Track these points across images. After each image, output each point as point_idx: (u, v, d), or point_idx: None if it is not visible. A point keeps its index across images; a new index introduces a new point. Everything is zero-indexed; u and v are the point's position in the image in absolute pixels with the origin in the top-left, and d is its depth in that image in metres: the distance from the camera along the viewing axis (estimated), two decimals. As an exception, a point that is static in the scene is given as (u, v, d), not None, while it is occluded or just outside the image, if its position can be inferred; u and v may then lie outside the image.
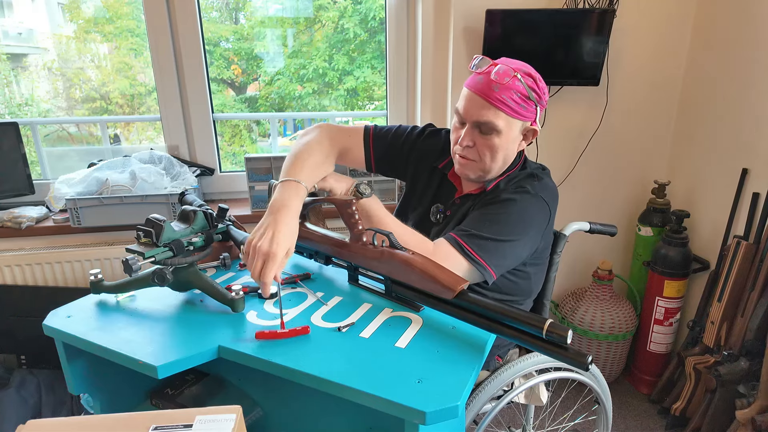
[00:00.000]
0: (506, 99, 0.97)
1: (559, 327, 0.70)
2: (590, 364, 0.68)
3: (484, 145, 1.02)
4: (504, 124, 1.00)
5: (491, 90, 0.97)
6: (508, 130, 1.01)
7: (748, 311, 1.66)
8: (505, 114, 0.99)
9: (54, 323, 0.86)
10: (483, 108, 0.99)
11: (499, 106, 0.98)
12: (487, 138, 1.01)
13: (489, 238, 0.99)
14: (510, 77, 0.96)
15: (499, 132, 1.00)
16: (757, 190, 1.73)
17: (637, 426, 1.97)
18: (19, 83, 2.27)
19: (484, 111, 0.99)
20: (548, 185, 1.10)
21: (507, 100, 0.98)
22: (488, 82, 0.98)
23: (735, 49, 1.81)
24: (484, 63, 1.01)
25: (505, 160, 1.07)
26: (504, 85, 0.97)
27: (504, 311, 0.76)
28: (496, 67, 0.98)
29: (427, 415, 0.63)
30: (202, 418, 0.55)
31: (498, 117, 0.99)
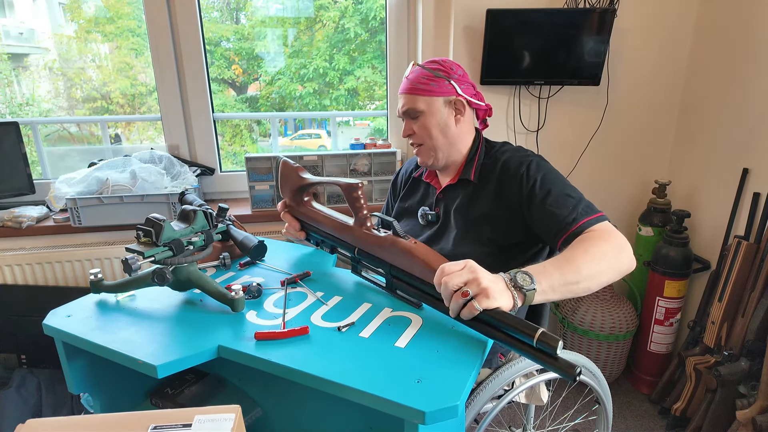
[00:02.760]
0: (417, 85, 1.14)
1: (549, 337, 0.69)
2: (579, 376, 0.67)
3: (419, 128, 1.17)
4: (424, 104, 1.14)
5: (407, 84, 1.16)
6: (430, 108, 1.15)
7: (749, 311, 1.66)
8: (420, 96, 1.14)
9: (54, 323, 0.86)
10: (404, 99, 1.17)
11: (412, 92, 1.14)
12: (417, 121, 1.16)
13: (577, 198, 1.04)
14: (415, 69, 1.15)
15: (422, 112, 1.15)
16: (757, 190, 1.72)
17: (638, 426, 1.97)
18: (20, 83, 2.27)
19: (405, 101, 1.16)
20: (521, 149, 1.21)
21: (417, 85, 1.14)
22: (405, 81, 1.17)
23: (736, 49, 1.80)
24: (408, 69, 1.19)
25: (449, 136, 1.18)
26: (413, 77, 1.15)
27: (499, 317, 0.75)
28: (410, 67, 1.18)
29: (426, 415, 0.63)
30: (202, 418, 0.55)
31: (416, 101, 1.14)
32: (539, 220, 1.04)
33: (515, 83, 1.95)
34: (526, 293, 0.79)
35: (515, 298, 0.78)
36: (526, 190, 1.07)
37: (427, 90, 1.13)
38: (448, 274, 0.77)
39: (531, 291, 0.79)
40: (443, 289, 0.77)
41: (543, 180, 1.07)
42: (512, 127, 2.04)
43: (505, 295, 0.76)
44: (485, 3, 1.80)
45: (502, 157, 1.16)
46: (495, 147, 1.22)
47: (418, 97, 1.14)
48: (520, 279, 0.79)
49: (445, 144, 1.18)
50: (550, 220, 1.02)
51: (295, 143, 2.84)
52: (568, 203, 1.02)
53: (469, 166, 1.19)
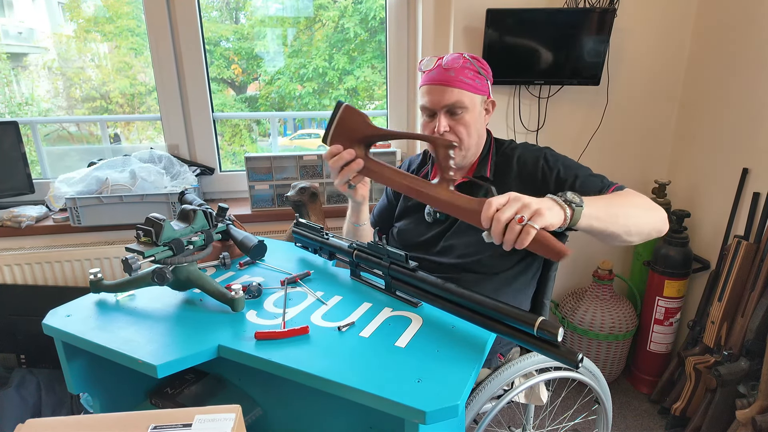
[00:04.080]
0: (463, 78, 1.08)
1: (550, 324, 0.70)
2: (581, 362, 0.68)
3: (459, 124, 1.11)
4: (468, 100, 1.10)
5: (448, 76, 1.09)
6: (473, 106, 1.11)
7: (749, 311, 1.66)
8: (467, 91, 1.09)
9: (53, 322, 0.86)
10: (446, 93, 1.09)
11: (460, 85, 1.08)
12: (459, 117, 1.11)
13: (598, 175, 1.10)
14: (459, 61, 1.09)
15: (466, 108, 1.10)
16: (757, 190, 1.73)
17: (637, 426, 1.97)
18: (19, 82, 2.27)
19: (448, 95, 1.09)
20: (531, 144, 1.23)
21: (464, 79, 1.09)
22: (443, 71, 1.10)
23: (736, 49, 1.81)
24: (432, 60, 1.13)
25: (479, 135, 1.16)
26: (458, 68, 1.08)
27: (497, 308, 0.76)
28: (444, 60, 1.10)
29: (426, 415, 0.63)
30: (202, 418, 0.55)
31: (462, 95, 1.09)
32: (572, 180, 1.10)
33: (515, 83, 1.95)
34: (575, 209, 0.82)
35: (566, 212, 0.81)
36: (552, 179, 1.10)
37: (473, 86, 1.10)
38: (498, 209, 0.77)
39: (579, 208, 0.83)
40: (495, 224, 0.76)
41: (565, 167, 1.11)
42: (512, 127, 2.04)
43: (555, 210, 0.79)
44: (485, 3, 1.80)
45: (514, 153, 1.18)
46: (504, 144, 1.23)
47: (464, 92, 1.09)
48: (570, 195, 0.83)
49: (474, 144, 1.16)
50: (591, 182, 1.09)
51: (295, 143, 2.84)
52: (595, 181, 1.08)
53: (484, 163, 1.19)
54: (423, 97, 1.14)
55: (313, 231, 1.13)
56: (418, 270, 0.90)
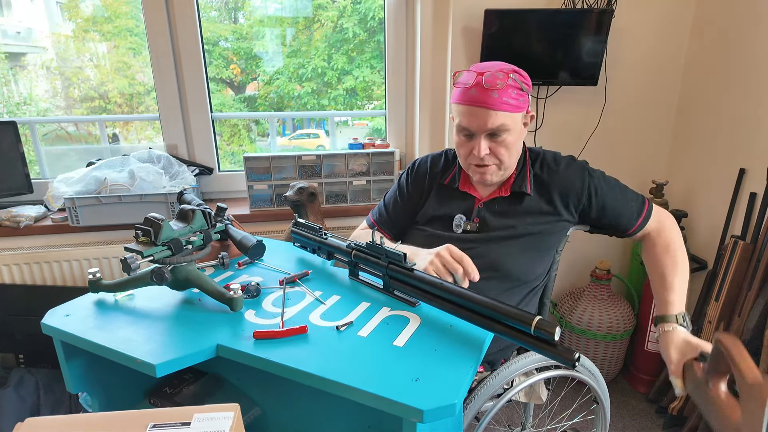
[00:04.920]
0: (508, 100, 1.03)
1: (547, 324, 0.70)
2: (578, 361, 0.69)
3: (500, 146, 1.08)
4: (511, 122, 1.06)
5: (491, 97, 1.02)
6: (515, 125, 1.07)
7: (746, 311, 1.67)
8: (509, 113, 1.04)
9: (52, 322, 0.86)
10: (490, 117, 1.04)
11: (504, 108, 1.03)
12: (501, 140, 1.07)
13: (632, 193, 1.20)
14: (503, 80, 1.02)
15: (509, 130, 1.06)
16: (754, 190, 1.73)
17: (635, 425, 1.98)
18: (18, 82, 2.26)
19: (492, 119, 1.04)
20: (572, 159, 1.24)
21: (508, 100, 1.03)
22: (485, 92, 1.02)
23: (733, 49, 1.81)
24: (471, 76, 1.05)
25: (518, 152, 1.15)
26: (501, 89, 1.02)
27: (495, 307, 0.76)
28: (483, 77, 1.02)
29: (424, 413, 0.63)
30: (200, 416, 0.55)
31: (506, 117, 1.04)
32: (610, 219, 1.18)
33: (513, 83, 1.95)
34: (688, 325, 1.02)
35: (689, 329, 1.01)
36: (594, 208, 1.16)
37: (516, 106, 1.05)
38: None
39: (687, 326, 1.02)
40: None
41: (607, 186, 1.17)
42: (510, 127, 2.04)
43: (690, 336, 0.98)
44: (483, 3, 1.80)
45: (555, 167, 1.18)
46: (538, 155, 1.21)
47: (508, 114, 1.04)
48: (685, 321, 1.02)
49: (514, 161, 1.14)
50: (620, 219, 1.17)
51: (294, 143, 2.84)
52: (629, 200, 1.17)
53: (522, 177, 1.17)
54: (461, 117, 1.08)
55: (311, 231, 1.13)
56: (416, 269, 0.91)
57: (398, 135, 2.24)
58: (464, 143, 1.11)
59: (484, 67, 1.05)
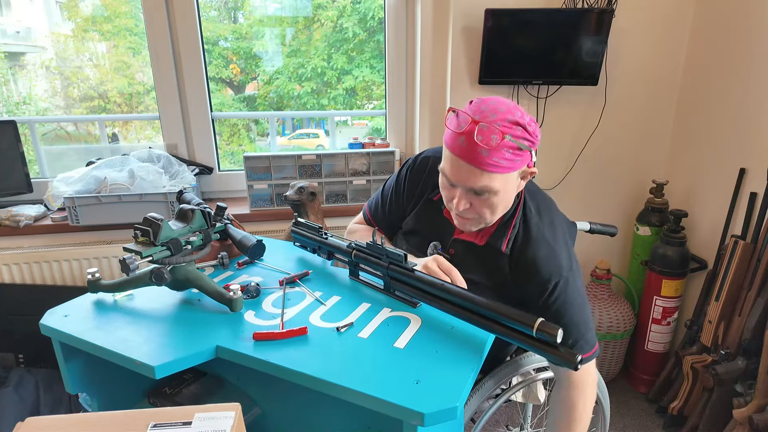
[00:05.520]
0: (499, 161, 0.86)
1: (549, 326, 0.70)
2: (580, 364, 0.69)
3: (483, 205, 0.94)
4: (500, 183, 0.90)
5: (479, 155, 0.86)
6: (505, 186, 0.92)
7: (746, 310, 1.67)
8: (500, 174, 0.89)
9: (51, 322, 0.86)
10: (474, 175, 0.89)
11: (493, 170, 0.87)
12: (485, 198, 0.92)
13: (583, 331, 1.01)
14: (498, 139, 0.85)
15: (496, 192, 0.91)
16: (754, 190, 1.73)
17: (635, 425, 1.98)
18: (17, 82, 2.26)
19: (477, 178, 0.89)
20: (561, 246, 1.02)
21: (500, 162, 0.87)
22: (474, 146, 0.86)
23: (733, 49, 1.81)
24: (464, 121, 0.88)
25: (506, 207, 0.99)
26: (493, 149, 0.85)
27: (497, 309, 0.76)
28: (477, 127, 0.85)
29: (425, 417, 0.63)
30: (201, 416, 0.55)
31: (493, 179, 0.89)
32: None
33: (513, 83, 1.95)
34: None
35: None
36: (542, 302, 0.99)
37: (509, 167, 0.88)
38: None
39: None
40: None
41: (564, 304, 0.99)
42: (510, 127, 2.04)
43: None
44: (484, 3, 1.80)
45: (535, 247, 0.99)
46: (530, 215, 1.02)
47: (497, 175, 0.88)
48: None
49: (497, 218, 0.99)
50: None
51: (293, 143, 2.84)
52: (573, 334, 0.99)
53: (502, 232, 1.01)
54: (445, 162, 0.94)
55: (311, 230, 1.13)
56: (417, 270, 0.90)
57: (398, 134, 2.23)
58: (446, 186, 0.97)
59: (483, 113, 0.87)
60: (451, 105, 1.97)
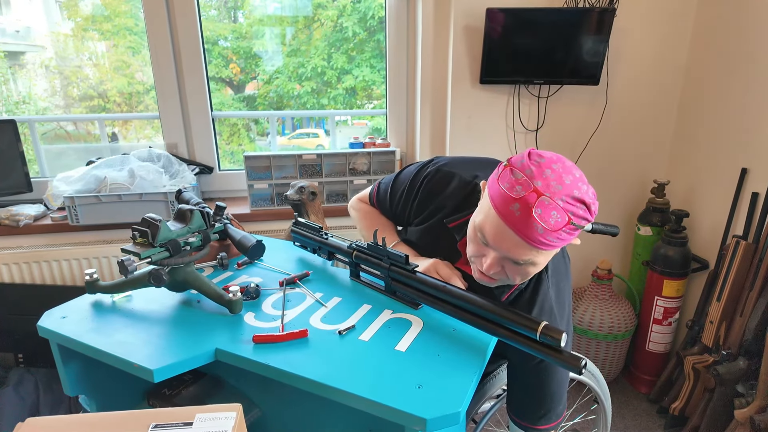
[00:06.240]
0: (553, 240, 0.75)
1: (553, 330, 0.69)
2: (584, 368, 0.68)
3: (516, 272, 0.83)
4: (545, 258, 0.81)
5: (533, 231, 0.74)
6: (548, 258, 0.83)
7: (747, 311, 1.66)
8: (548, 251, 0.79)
9: (48, 324, 0.86)
10: (520, 248, 0.77)
11: (543, 248, 0.77)
12: (521, 268, 0.82)
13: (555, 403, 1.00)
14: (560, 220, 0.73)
15: (538, 264, 0.82)
16: (756, 190, 1.72)
17: (636, 425, 1.97)
18: (17, 81, 2.26)
19: (522, 251, 0.78)
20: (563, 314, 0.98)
21: (554, 241, 0.76)
22: (529, 220, 0.73)
23: (735, 49, 1.80)
24: (523, 185, 0.74)
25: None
26: (551, 229, 0.74)
27: (500, 312, 0.75)
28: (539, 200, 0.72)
29: (428, 422, 0.62)
30: (202, 416, 0.54)
31: (540, 254, 0.79)
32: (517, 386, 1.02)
33: (515, 82, 1.94)
34: None
35: None
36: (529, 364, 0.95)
37: (561, 245, 0.78)
38: None
39: None
40: None
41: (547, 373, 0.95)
42: (512, 127, 2.03)
43: None
44: (485, 2, 1.79)
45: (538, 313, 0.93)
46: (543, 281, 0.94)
47: (545, 251, 0.79)
48: None
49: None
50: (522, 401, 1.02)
51: (293, 142, 2.84)
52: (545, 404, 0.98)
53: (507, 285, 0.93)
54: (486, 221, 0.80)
55: (312, 230, 1.12)
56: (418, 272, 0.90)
57: (399, 134, 2.23)
58: (477, 243, 0.84)
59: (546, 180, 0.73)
60: (452, 105, 1.97)
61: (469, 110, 1.99)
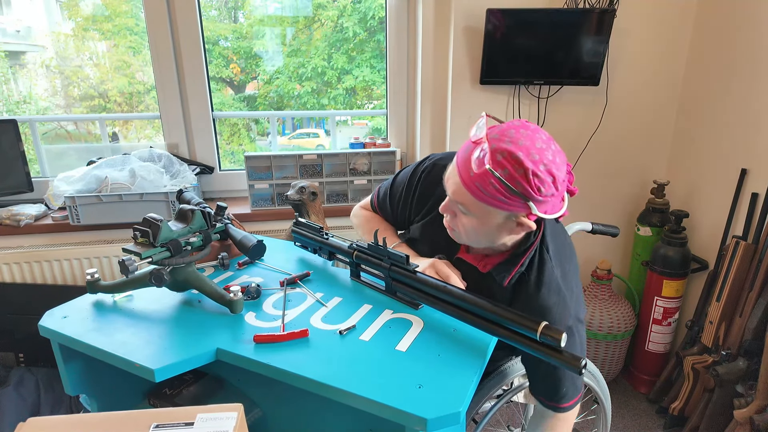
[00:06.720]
0: (480, 187, 0.80)
1: (553, 330, 0.69)
2: (584, 368, 0.69)
3: (460, 222, 0.89)
4: (478, 210, 0.83)
5: (468, 171, 0.81)
6: (485, 216, 0.84)
7: (747, 311, 1.66)
8: (479, 201, 0.82)
9: (50, 324, 0.86)
10: (458, 187, 0.84)
11: (472, 191, 0.81)
12: (463, 215, 0.87)
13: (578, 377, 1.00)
14: (481, 169, 0.79)
15: (468, 214, 0.86)
16: (755, 190, 1.73)
17: (636, 425, 1.98)
18: (17, 81, 2.26)
19: (459, 191, 0.84)
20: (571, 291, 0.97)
21: (481, 188, 0.80)
22: (468, 161, 0.81)
23: (735, 50, 1.80)
24: (480, 130, 0.82)
25: (493, 242, 0.90)
26: (480, 173, 0.79)
27: (500, 312, 0.76)
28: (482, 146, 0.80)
29: (428, 422, 0.62)
30: (204, 416, 0.55)
31: (471, 202, 0.83)
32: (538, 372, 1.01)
33: (515, 83, 1.94)
34: None
35: None
36: None
37: (491, 202, 0.81)
38: None
39: None
40: None
41: None
42: (511, 127, 2.03)
43: None
44: (485, 3, 1.79)
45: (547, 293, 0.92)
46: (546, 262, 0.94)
47: (476, 201, 0.82)
48: None
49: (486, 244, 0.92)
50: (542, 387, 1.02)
51: (293, 142, 2.84)
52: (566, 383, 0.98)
53: (507, 267, 0.93)
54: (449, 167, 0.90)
55: (312, 230, 1.13)
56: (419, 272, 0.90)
57: (399, 134, 2.23)
58: None
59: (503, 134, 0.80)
60: (453, 105, 1.97)
61: (469, 111, 1.99)
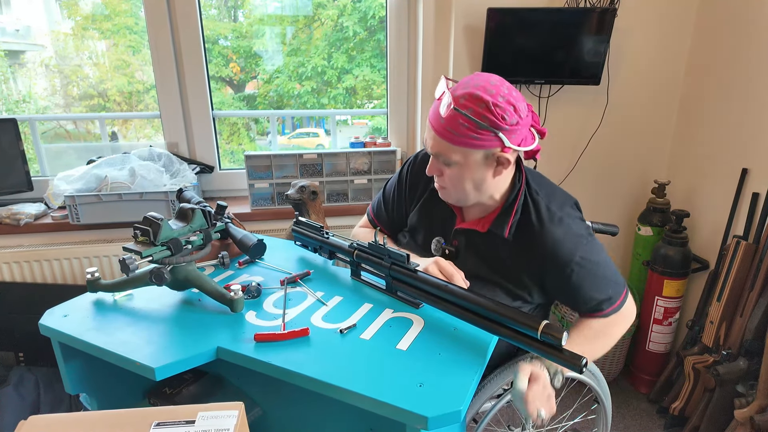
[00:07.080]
0: (452, 130, 0.88)
1: (554, 328, 0.69)
2: (585, 367, 0.68)
3: (447, 176, 0.96)
4: (459, 156, 0.91)
5: (439, 121, 0.90)
6: (466, 161, 0.92)
7: (747, 311, 1.66)
8: (455, 146, 0.90)
9: (50, 323, 0.86)
10: (435, 140, 0.93)
11: (446, 137, 0.90)
12: (448, 168, 0.95)
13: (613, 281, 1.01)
14: (447, 110, 0.87)
15: (450, 164, 0.94)
16: (756, 190, 1.72)
17: (636, 425, 1.98)
18: (17, 80, 2.25)
19: (436, 143, 0.93)
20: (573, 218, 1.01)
21: (453, 132, 0.88)
22: (436, 113, 0.91)
23: (736, 49, 1.80)
24: (440, 89, 0.92)
25: (482, 189, 0.98)
26: (447, 117, 0.88)
27: (501, 311, 0.76)
28: (445, 96, 0.89)
29: (429, 420, 0.62)
30: (204, 415, 0.54)
31: (449, 149, 0.91)
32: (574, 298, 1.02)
33: (515, 82, 1.93)
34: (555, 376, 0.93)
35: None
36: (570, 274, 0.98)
37: (466, 141, 0.88)
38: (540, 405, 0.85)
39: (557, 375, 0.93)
40: None
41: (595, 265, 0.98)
42: (512, 126, 2.03)
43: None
44: (486, 2, 1.79)
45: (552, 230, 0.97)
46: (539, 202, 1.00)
47: (453, 146, 0.90)
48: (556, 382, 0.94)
49: (476, 195, 0.99)
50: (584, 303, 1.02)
51: (293, 142, 2.84)
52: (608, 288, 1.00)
53: (503, 219, 1.00)
54: None
55: (313, 230, 1.12)
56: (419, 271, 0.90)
57: (399, 134, 2.23)
58: None
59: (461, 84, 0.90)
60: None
61: (469, 110, 1.99)
